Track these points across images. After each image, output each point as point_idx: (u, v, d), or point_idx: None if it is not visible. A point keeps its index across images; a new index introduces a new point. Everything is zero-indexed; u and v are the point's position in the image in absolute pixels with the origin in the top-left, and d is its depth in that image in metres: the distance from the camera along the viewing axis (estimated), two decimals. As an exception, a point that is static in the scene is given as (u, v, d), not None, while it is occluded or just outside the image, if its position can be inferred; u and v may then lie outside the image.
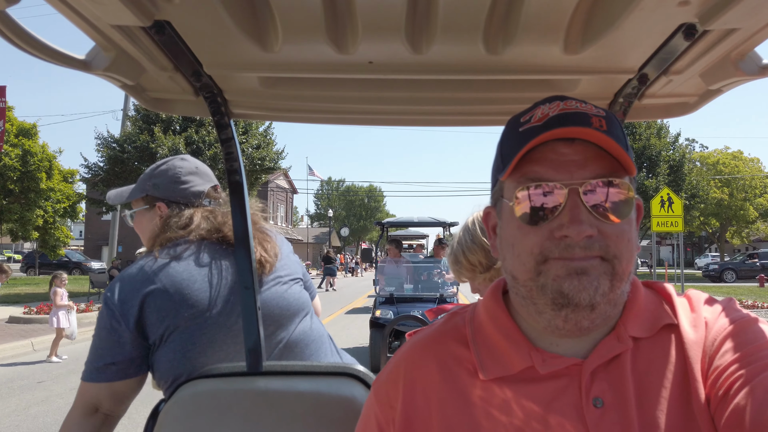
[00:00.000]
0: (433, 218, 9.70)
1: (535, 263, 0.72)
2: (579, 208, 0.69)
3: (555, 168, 0.71)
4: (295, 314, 1.56)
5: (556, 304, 0.71)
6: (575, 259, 0.69)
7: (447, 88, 1.35)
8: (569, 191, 0.70)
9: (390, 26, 1.02)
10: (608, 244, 0.70)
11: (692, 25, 0.97)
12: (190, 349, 1.39)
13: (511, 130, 0.79)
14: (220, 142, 1.44)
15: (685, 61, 1.13)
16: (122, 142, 17.96)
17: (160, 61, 1.16)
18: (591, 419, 0.70)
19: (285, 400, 1.30)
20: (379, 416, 0.84)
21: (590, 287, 0.68)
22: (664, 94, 1.32)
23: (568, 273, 0.69)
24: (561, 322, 0.72)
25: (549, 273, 0.70)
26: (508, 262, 0.77)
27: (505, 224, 0.78)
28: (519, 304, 0.78)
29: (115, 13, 0.91)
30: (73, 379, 7.29)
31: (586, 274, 0.69)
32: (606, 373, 0.73)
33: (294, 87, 1.37)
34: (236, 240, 1.39)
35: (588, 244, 0.69)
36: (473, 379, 0.78)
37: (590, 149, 0.72)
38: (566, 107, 0.74)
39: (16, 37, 0.90)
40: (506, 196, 0.77)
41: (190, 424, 1.29)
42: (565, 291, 0.69)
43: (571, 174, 0.71)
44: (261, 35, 1.07)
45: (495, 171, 0.83)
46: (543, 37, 1.06)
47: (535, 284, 0.72)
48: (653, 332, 0.76)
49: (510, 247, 0.76)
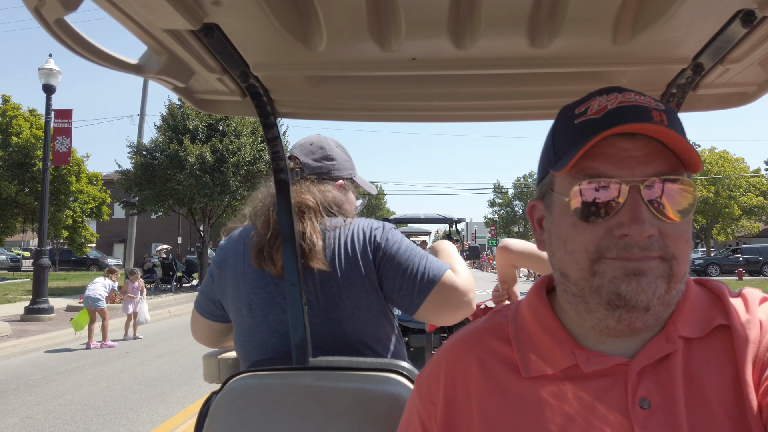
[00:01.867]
0: (439, 215, 9.51)
1: (589, 262, 0.69)
2: (640, 207, 0.66)
3: (615, 164, 0.68)
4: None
5: (611, 305, 0.68)
6: (633, 260, 0.66)
7: (491, 83, 1.33)
8: (630, 188, 0.67)
9: (433, 22, 1.02)
10: (667, 244, 0.67)
11: (750, 11, 0.92)
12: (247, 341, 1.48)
13: (566, 122, 0.76)
14: (266, 141, 1.45)
15: (743, 49, 1.08)
16: (152, 150, 19.76)
17: (209, 63, 1.19)
18: (637, 420, 0.67)
19: (331, 396, 1.31)
20: (422, 412, 0.84)
21: (648, 290, 0.66)
22: (720, 83, 1.27)
23: (625, 274, 0.67)
24: (613, 323, 0.70)
25: (605, 274, 0.68)
26: (558, 258, 0.74)
27: (556, 219, 0.75)
28: (567, 301, 0.76)
29: (166, 17, 0.93)
30: (151, 351, 9.26)
31: (644, 275, 0.66)
32: (654, 373, 0.70)
33: (338, 85, 1.38)
34: (282, 237, 1.39)
35: (647, 244, 0.66)
36: (515, 377, 0.76)
37: (652, 144, 0.69)
38: (625, 100, 0.71)
39: (73, 42, 0.94)
40: (559, 190, 0.74)
41: (239, 416, 1.32)
42: (623, 293, 0.67)
43: (632, 170, 0.68)
44: (306, 35, 1.08)
45: (545, 163, 0.78)
46: (590, 27, 1.03)
47: (589, 284, 0.70)
48: (705, 333, 0.72)
49: (561, 243, 0.73)
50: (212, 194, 18.91)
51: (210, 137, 19.61)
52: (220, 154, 19.04)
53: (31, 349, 9.37)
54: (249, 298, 1.45)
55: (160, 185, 19.35)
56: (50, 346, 9.71)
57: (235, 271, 1.49)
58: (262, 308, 1.44)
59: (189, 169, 18.50)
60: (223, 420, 1.32)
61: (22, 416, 5.62)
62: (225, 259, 1.53)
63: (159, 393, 6.56)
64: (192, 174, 18.51)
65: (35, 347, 9.49)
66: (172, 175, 18.87)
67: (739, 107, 1.38)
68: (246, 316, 1.45)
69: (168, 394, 6.54)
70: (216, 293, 1.56)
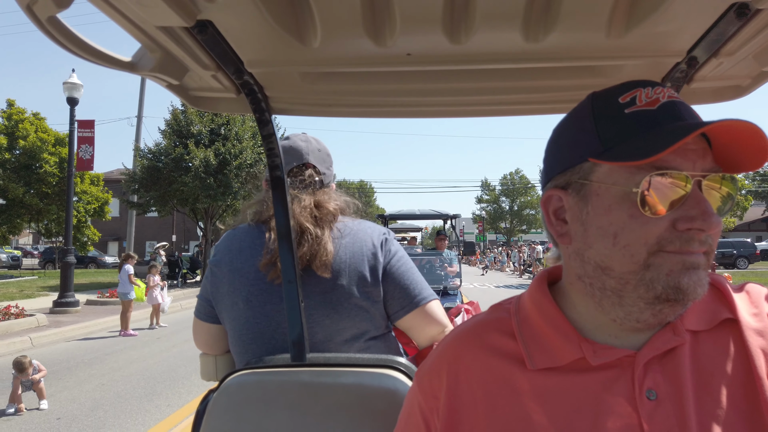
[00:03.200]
0: (435, 210, 9.47)
1: (647, 255, 0.68)
2: (706, 201, 0.66)
3: (681, 157, 0.68)
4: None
5: (660, 298, 0.68)
6: (692, 254, 0.67)
7: (487, 78, 1.33)
8: (694, 182, 0.67)
9: (428, 17, 1.02)
10: (713, 240, 0.68)
11: (744, 3, 0.93)
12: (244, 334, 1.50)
13: (611, 109, 0.73)
14: (261, 138, 1.44)
15: (737, 42, 1.07)
16: (157, 153, 20.88)
17: (203, 60, 1.18)
18: (644, 411, 0.67)
19: (329, 392, 1.31)
20: (423, 406, 0.83)
21: (705, 283, 0.67)
22: (714, 77, 1.26)
23: (685, 268, 0.66)
24: (649, 316, 0.70)
25: (662, 267, 0.67)
26: (599, 251, 0.71)
27: (602, 211, 0.71)
28: (587, 295, 0.75)
29: (160, 14, 0.93)
30: (180, 336, 10.49)
31: (700, 269, 0.67)
32: (661, 365, 0.70)
33: (333, 81, 1.38)
34: (279, 235, 1.38)
35: (705, 239, 0.67)
36: (520, 370, 0.76)
37: (704, 141, 0.69)
38: (671, 95, 0.71)
39: (66, 40, 0.93)
40: (607, 180, 0.71)
41: (237, 414, 1.32)
42: (683, 286, 0.66)
43: (693, 164, 0.68)
44: (300, 31, 1.07)
45: (582, 152, 0.74)
46: (585, 21, 1.03)
47: (639, 278, 0.68)
48: (712, 326, 0.73)
49: (609, 236, 0.70)
50: (216, 195, 20.10)
51: (213, 141, 20.76)
52: (223, 157, 20.22)
53: (69, 337, 10.53)
54: (247, 290, 1.47)
55: (165, 187, 20.50)
56: (84, 334, 10.87)
57: (231, 266, 1.51)
58: (260, 299, 1.46)
59: (194, 172, 19.66)
60: (221, 417, 1.32)
61: (95, 384, 6.87)
62: (220, 257, 1.55)
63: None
64: (197, 176, 19.67)
65: (72, 335, 10.66)
66: (176, 177, 20.01)
67: (733, 101, 1.36)
68: (243, 309, 1.47)
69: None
70: (210, 293, 1.57)
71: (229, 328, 1.53)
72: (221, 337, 1.63)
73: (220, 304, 1.54)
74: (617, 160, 0.69)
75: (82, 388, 6.66)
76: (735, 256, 32.13)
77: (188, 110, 21.00)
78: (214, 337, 1.64)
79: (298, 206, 1.50)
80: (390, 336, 1.58)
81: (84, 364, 8.04)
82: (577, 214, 0.75)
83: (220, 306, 1.54)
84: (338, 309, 1.45)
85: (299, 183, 1.59)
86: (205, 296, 1.60)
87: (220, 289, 1.53)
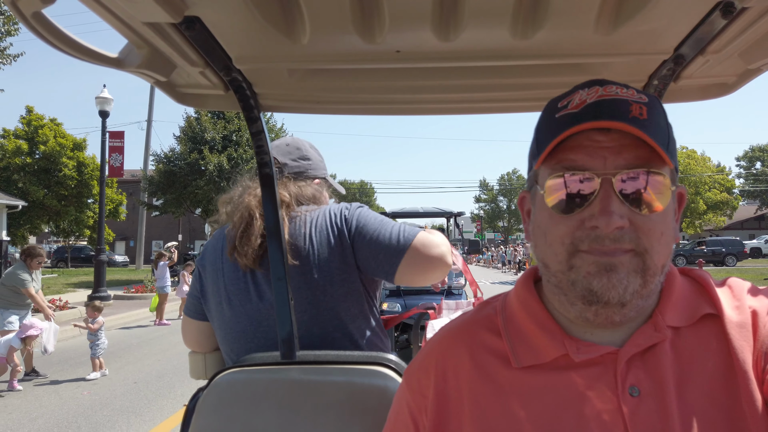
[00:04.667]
0: (438, 208, 9.49)
1: (566, 254, 0.70)
2: (610, 198, 0.67)
3: (589, 156, 0.69)
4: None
5: (585, 299, 0.70)
6: (605, 253, 0.68)
7: (476, 75, 1.32)
8: (602, 180, 0.68)
9: (417, 14, 1.01)
10: (639, 236, 0.68)
11: (730, 2, 0.93)
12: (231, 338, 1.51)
13: (548, 115, 0.76)
14: (250, 135, 1.43)
15: (723, 41, 1.08)
16: (173, 158, 22.25)
17: (191, 56, 1.17)
18: (627, 408, 0.68)
19: (318, 390, 1.31)
20: (411, 404, 0.84)
21: (619, 286, 0.67)
22: (701, 75, 1.27)
23: (597, 270, 0.68)
24: (591, 316, 0.71)
25: (580, 269, 0.69)
26: (540, 249, 0.76)
27: (537, 211, 0.76)
28: (551, 292, 0.77)
29: (147, 10, 0.92)
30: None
31: (615, 271, 0.67)
32: (643, 361, 0.71)
33: (322, 78, 1.37)
34: (268, 231, 1.38)
35: (618, 236, 0.67)
36: (506, 368, 0.77)
37: (627, 137, 0.69)
38: (605, 93, 0.71)
39: (52, 36, 0.92)
40: (540, 182, 0.75)
41: (226, 412, 1.31)
42: (594, 289, 0.68)
43: (604, 162, 0.69)
44: (289, 28, 1.07)
45: (531, 156, 0.80)
46: (573, 19, 1.03)
47: (566, 278, 0.71)
48: (693, 321, 0.74)
49: (542, 234, 0.74)
50: (229, 197, 21.42)
51: (225, 147, 22.13)
52: (236, 162, 21.58)
53: (110, 326, 11.80)
54: (227, 290, 1.50)
55: (180, 189, 21.85)
56: (122, 324, 12.20)
57: (214, 266, 1.54)
58: (239, 299, 1.48)
59: (208, 176, 21.01)
60: (210, 416, 1.32)
61: (153, 360, 8.23)
62: (205, 257, 1.58)
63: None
64: (211, 180, 21.02)
65: (111, 325, 11.93)
66: (191, 180, 21.37)
67: (719, 98, 1.37)
68: (226, 309, 1.49)
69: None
70: (199, 291, 1.59)
71: (215, 327, 1.56)
72: (210, 334, 1.64)
73: (207, 303, 1.57)
74: (535, 163, 0.74)
75: (142, 363, 8.02)
76: (724, 254, 33.06)
77: (202, 118, 22.36)
78: (204, 334, 1.65)
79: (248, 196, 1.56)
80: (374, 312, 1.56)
81: (134, 347, 9.39)
82: (532, 214, 0.80)
83: (208, 305, 1.57)
84: (314, 275, 1.44)
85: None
86: (194, 294, 1.62)
87: (206, 288, 1.57)
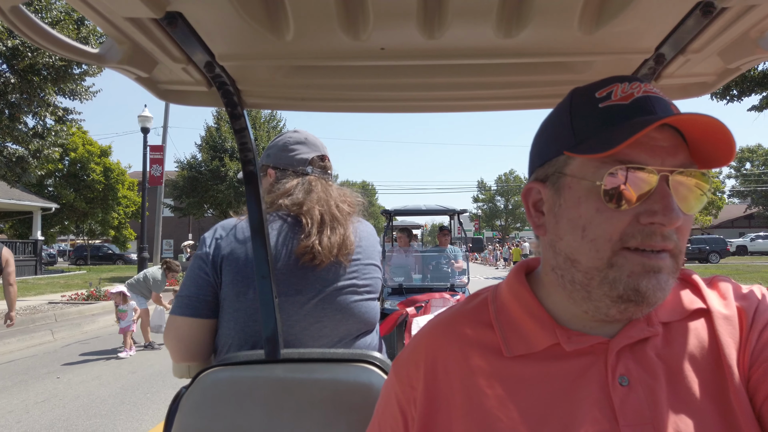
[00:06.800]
0: (440, 206, 9.43)
1: (611, 252, 0.69)
2: (670, 196, 0.67)
3: (648, 153, 0.68)
4: (355, 330, 1.52)
5: (622, 298, 0.68)
6: (653, 253, 0.68)
7: (461, 73, 1.33)
8: (661, 177, 0.68)
9: (401, 11, 1.01)
10: (679, 238, 0.69)
11: (710, 2, 0.95)
12: (250, 324, 1.43)
13: (587, 104, 0.74)
14: (234, 133, 1.42)
15: (702, 40, 1.10)
16: (195, 165, 24.57)
17: (173, 53, 1.16)
18: (617, 397, 0.69)
19: (303, 387, 1.30)
20: (400, 396, 0.84)
21: (666, 287, 0.68)
22: (681, 74, 1.28)
23: (645, 270, 0.67)
24: (616, 313, 0.70)
25: (624, 268, 0.68)
26: (569, 243, 0.73)
27: (572, 203, 0.73)
28: (560, 286, 0.76)
29: (127, 5, 0.91)
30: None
31: (662, 272, 0.68)
32: (633, 352, 0.72)
33: (307, 75, 1.36)
34: (252, 229, 1.37)
35: (669, 235, 0.68)
36: (497, 358, 0.78)
37: (677, 137, 0.70)
38: (647, 90, 0.72)
39: (30, 31, 0.91)
40: (578, 173, 0.72)
41: (210, 410, 1.30)
42: (642, 289, 0.67)
43: (662, 160, 0.68)
44: (273, 24, 1.06)
45: (559, 145, 0.76)
46: (557, 18, 1.04)
47: (603, 275, 0.69)
48: (684, 316, 0.75)
49: (578, 229, 0.72)
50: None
51: (243, 155, 24.38)
52: (253, 169, 23.86)
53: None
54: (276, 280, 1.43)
55: (202, 193, 24.12)
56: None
57: (243, 256, 1.46)
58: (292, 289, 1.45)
59: (228, 182, 23.30)
60: (194, 414, 1.31)
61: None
62: (227, 246, 1.49)
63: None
64: (231, 185, 23.32)
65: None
66: (213, 185, 23.65)
67: (699, 97, 1.40)
68: (252, 299, 1.42)
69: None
70: (211, 284, 1.46)
71: (229, 319, 1.45)
72: (209, 332, 1.49)
73: (226, 292, 1.46)
74: (585, 153, 0.70)
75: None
76: (707, 252, 34.20)
77: (222, 128, 24.65)
78: (207, 333, 1.48)
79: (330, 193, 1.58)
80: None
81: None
82: (551, 206, 0.76)
83: (226, 293, 1.46)
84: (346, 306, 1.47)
85: (321, 171, 1.67)
86: (196, 290, 1.46)
87: (223, 279, 1.46)
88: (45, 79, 10.79)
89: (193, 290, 1.46)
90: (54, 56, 10.69)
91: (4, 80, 10.38)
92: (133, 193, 31.26)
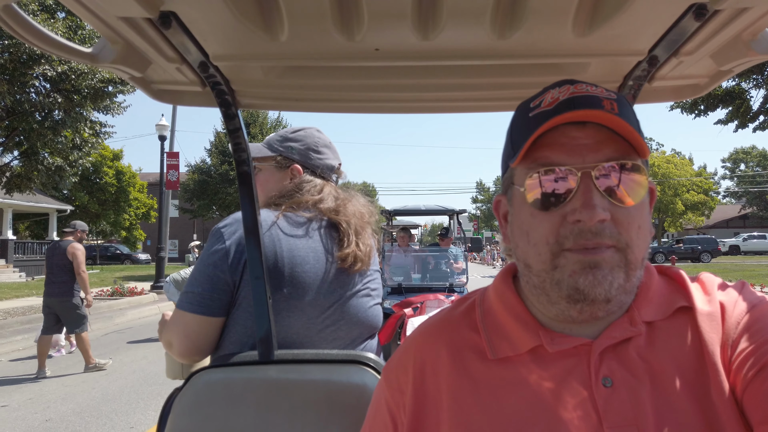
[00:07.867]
0: (440, 206, 9.42)
1: (551, 255, 0.70)
2: (591, 192, 0.68)
3: (567, 152, 0.70)
4: (363, 334, 1.53)
5: (571, 298, 0.70)
6: (588, 250, 0.68)
7: (455, 74, 1.34)
8: (582, 175, 0.69)
9: (396, 13, 1.02)
10: (620, 231, 0.69)
11: (703, 4, 0.96)
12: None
13: (521, 115, 0.78)
14: (227, 133, 1.41)
15: (695, 42, 1.10)
16: (205, 169, 25.74)
17: (167, 52, 1.16)
18: (600, 398, 0.69)
19: (297, 389, 1.30)
20: (390, 401, 0.84)
21: (605, 282, 0.68)
22: (674, 76, 1.29)
23: (582, 268, 0.68)
24: (575, 314, 0.72)
25: (565, 268, 0.69)
26: (522, 250, 0.76)
27: (517, 211, 0.77)
28: (531, 292, 0.77)
29: (121, 4, 0.91)
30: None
31: (600, 267, 0.68)
32: (616, 353, 0.72)
33: (301, 76, 1.36)
34: (246, 230, 1.34)
35: (599, 230, 0.68)
36: (483, 361, 0.78)
37: (602, 132, 0.71)
38: (576, 91, 0.73)
39: (23, 30, 0.91)
40: (517, 182, 0.76)
41: (203, 412, 1.30)
42: (581, 287, 0.68)
43: (583, 158, 0.70)
44: (267, 24, 1.06)
45: (505, 157, 0.80)
46: (551, 20, 1.05)
47: (550, 277, 0.71)
48: (667, 314, 0.75)
49: (524, 235, 0.74)
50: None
51: (251, 159, 25.56)
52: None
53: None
54: (303, 277, 1.41)
55: (211, 196, 25.28)
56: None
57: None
58: (323, 288, 1.44)
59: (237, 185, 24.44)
60: (187, 416, 1.30)
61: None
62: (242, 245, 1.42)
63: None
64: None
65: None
66: (222, 188, 24.81)
67: (691, 98, 1.41)
68: (276, 299, 1.39)
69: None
70: (229, 280, 1.40)
71: (247, 318, 1.39)
72: (216, 330, 1.42)
73: (245, 293, 1.40)
74: (513, 162, 0.74)
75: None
76: (700, 251, 35.46)
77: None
78: (216, 331, 1.42)
79: (356, 204, 1.59)
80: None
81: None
82: (509, 216, 0.80)
83: (245, 294, 1.40)
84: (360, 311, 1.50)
85: (336, 180, 1.69)
86: (210, 288, 1.39)
87: (243, 278, 1.41)
88: (85, 98, 11.96)
89: (207, 287, 1.39)
90: (95, 78, 11.89)
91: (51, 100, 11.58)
92: (143, 195, 32.41)
